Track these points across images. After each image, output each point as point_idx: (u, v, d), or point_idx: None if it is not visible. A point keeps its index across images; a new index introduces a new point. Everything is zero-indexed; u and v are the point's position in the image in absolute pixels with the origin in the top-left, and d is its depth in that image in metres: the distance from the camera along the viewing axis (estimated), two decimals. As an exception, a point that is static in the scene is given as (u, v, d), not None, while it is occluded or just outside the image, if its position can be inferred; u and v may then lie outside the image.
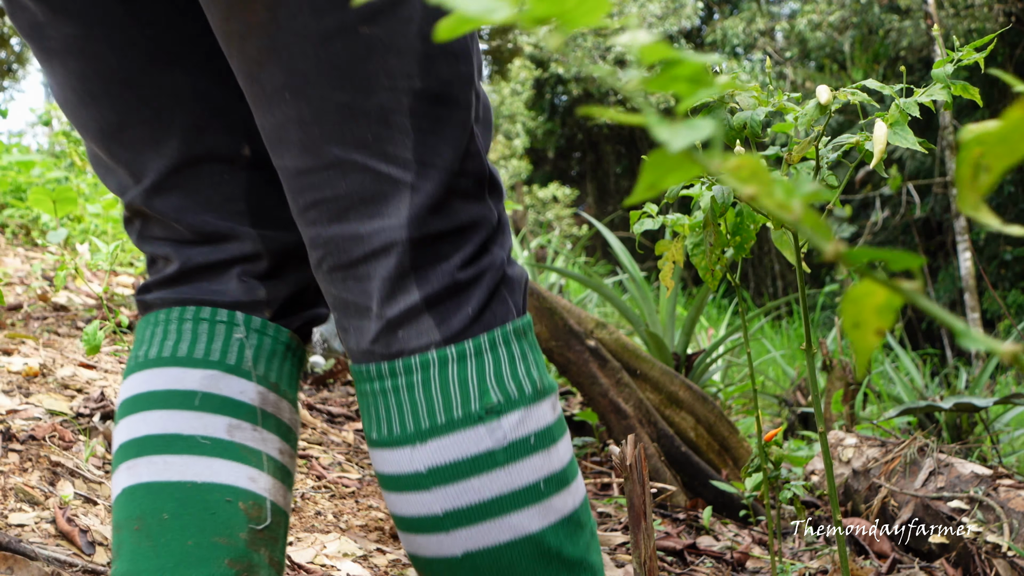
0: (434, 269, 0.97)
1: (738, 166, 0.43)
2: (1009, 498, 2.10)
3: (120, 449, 1.04)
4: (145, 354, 1.07)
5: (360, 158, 0.94)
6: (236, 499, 1.01)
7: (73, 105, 1.08)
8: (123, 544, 1.00)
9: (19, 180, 4.62)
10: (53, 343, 2.83)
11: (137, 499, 1.01)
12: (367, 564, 1.96)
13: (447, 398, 0.96)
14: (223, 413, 1.04)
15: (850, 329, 0.44)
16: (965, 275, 7.58)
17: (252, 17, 0.92)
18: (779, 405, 4.57)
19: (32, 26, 1.05)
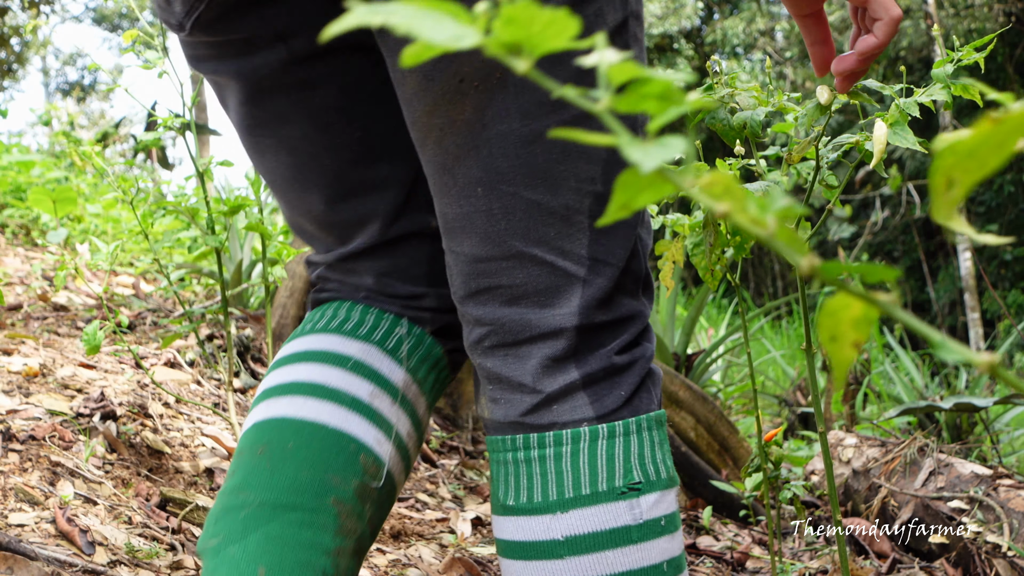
0: (593, 353, 1.02)
1: (711, 183, 0.44)
2: (1009, 498, 2.10)
3: (264, 392, 1.13)
4: (312, 327, 1.18)
5: (540, 252, 1.01)
6: (359, 451, 1.09)
7: (283, 191, 1.20)
8: (241, 464, 1.07)
9: (19, 180, 4.62)
10: (53, 343, 2.83)
11: (267, 429, 1.09)
12: (367, 564, 1.96)
13: (594, 472, 1.00)
14: (370, 380, 1.13)
15: (827, 342, 0.43)
16: (965, 275, 7.58)
17: (458, 115, 0.98)
18: (779, 405, 4.57)
19: (246, 126, 1.15)
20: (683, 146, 0.41)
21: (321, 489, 1.05)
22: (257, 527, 1.02)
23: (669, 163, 0.44)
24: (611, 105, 0.44)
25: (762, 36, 13.50)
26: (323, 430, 1.08)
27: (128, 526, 1.84)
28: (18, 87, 32.50)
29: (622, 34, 1.02)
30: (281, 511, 1.03)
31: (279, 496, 1.04)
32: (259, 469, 1.06)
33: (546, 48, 0.44)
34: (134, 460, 2.12)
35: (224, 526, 1.03)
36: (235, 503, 1.05)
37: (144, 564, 1.71)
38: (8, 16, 13.39)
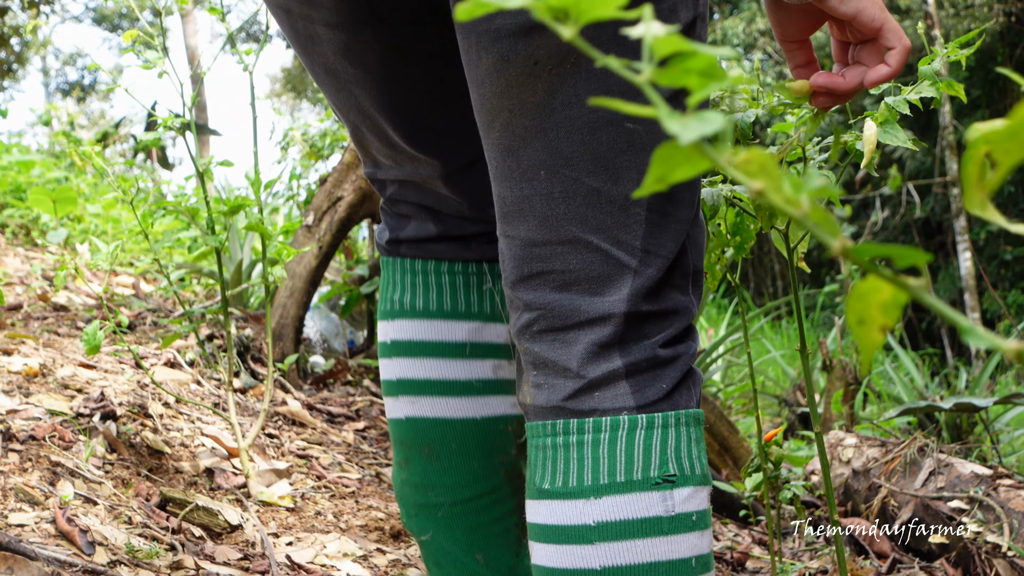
0: (638, 344, 1.05)
1: (747, 160, 0.43)
2: (1009, 498, 2.10)
3: (398, 383, 1.27)
4: (411, 303, 1.28)
5: (596, 239, 1.03)
6: (506, 425, 1.25)
7: (357, 118, 1.27)
8: (412, 459, 1.26)
9: (19, 180, 4.62)
10: (53, 343, 2.83)
11: (425, 429, 1.25)
12: (367, 564, 1.97)
13: (630, 460, 1.02)
14: (489, 357, 1.27)
15: (855, 326, 0.43)
16: (965, 275, 7.59)
17: (529, 97, 1.01)
18: (779, 405, 4.57)
19: (329, 69, 1.23)
20: (722, 121, 0.41)
21: (492, 471, 1.25)
22: (458, 523, 1.24)
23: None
24: (653, 77, 0.44)
25: (762, 36, 13.51)
26: (473, 424, 1.24)
27: (128, 526, 1.84)
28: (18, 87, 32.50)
29: (690, 34, 1.04)
30: (470, 504, 1.24)
31: (462, 493, 1.24)
32: (435, 470, 1.25)
33: (593, 15, 0.43)
34: (134, 460, 2.12)
35: (428, 523, 1.26)
36: (427, 501, 1.26)
37: (144, 564, 1.71)
38: (8, 16, 13.40)
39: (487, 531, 1.25)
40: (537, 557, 1.06)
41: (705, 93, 0.45)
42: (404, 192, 1.31)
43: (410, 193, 1.30)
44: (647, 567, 1.01)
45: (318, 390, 3.20)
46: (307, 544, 2.01)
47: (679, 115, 0.43)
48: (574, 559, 1.02)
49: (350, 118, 1.28)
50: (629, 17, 0.44)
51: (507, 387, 1.26)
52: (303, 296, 3.21)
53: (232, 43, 2.19)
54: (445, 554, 1.25)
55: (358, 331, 3.78)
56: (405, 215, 1.32)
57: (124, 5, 2.15)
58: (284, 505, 2.20)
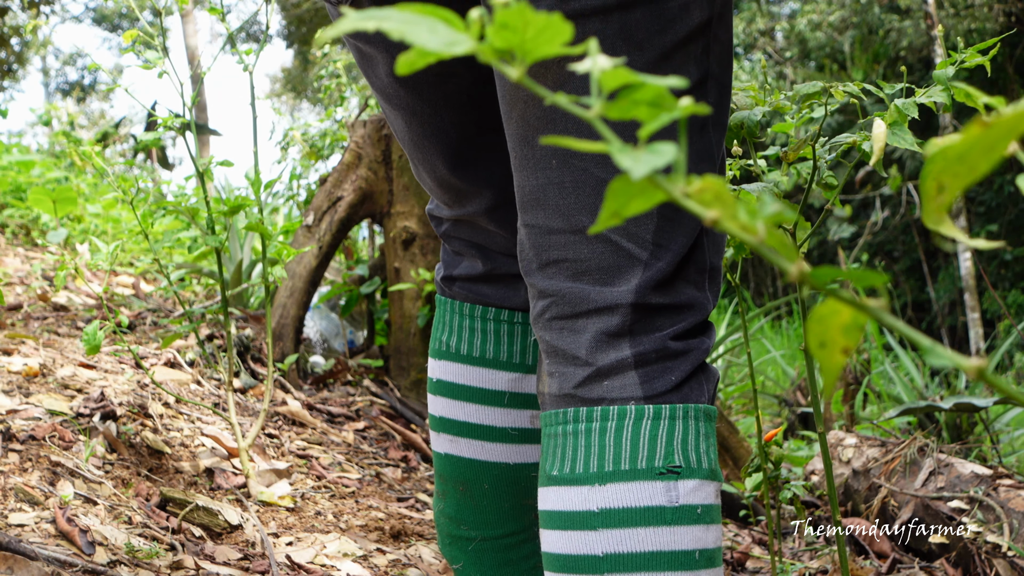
0: (648, 335, 1.07)
1: (701, 190, 0.43)
2: (1009, 498, 2.10)
3: (440, 420, 1.35)
4: (456, 347, 1.35)
5: (606, 231, 1.06)
6: (538, 470, 1.24)
7: (411, 150, 1.34)
8: (448, 493, 1.34)
9: (19, 180, 4.62)
10: (53, 343, 2.83)
11: (461, 468, 1.32)
12: (367, 564, 1.97)
13: (635, 449, 1.04)
14: (526, 407, 1.32)
15: (816, 349, 0.43)
16: (964, 275, 7.59)
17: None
18: (779, 405, 4.57)
19: (387, 94, 1.28)
20: (674, 152, 0.41)
21: (521, 512, 1.32)
22: (487, 557, 1.32)
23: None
24: (602, 112, 0.44)
25: (762, 36, 13.51)
26: (507, 468, 1.31)
27: (128, 526, 1.84)
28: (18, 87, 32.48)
29: (704, 34, 1.06)
30: (499, 541, 1.32)
31: (492, 530, 1.32)
32: (467, 506, 1.33)
33: (539, 54, 0.43)
34: (134, 460, 2.13)
35: (460, 554, 1.34)
36: (459, 534, 1.35)
37: (144, 564, 1.71)
38: (8, 16, 13.39)
39: (515, 567, 1.33)
40: (546, 544, 1.09)
41: (657, 124, 0.45)
42: (457, 229, 1.38)
43: (462, 230, 1.37)
44: (648, 556, 1.02)
45: (318, 390, 3.20)
46: (307, 544, 2.01)
47: (630, 148, 0.44)
48: (578, 545, 1.04)
49: (406, 148, 1.35)
50: (574, 53, 0.45)
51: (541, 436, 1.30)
52: (303, 296, 3.21)
53: (232, 43, 2.19)
54: None
55: (358, 331, 3.78)
56: (458, 252, 1.39)
57: (124, 5, 2.15)
58: (284, 505, 2.20)
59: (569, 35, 0.43)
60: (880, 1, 11.46)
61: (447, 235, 1.40)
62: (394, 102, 1.28)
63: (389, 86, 1.25)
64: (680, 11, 1.02)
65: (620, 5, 1.01)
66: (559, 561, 1.06)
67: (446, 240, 1.40)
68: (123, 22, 21.87)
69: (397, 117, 1.30)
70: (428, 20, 0.43)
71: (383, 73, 1.25)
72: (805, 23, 12.14)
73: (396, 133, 1.35)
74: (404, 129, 1.31)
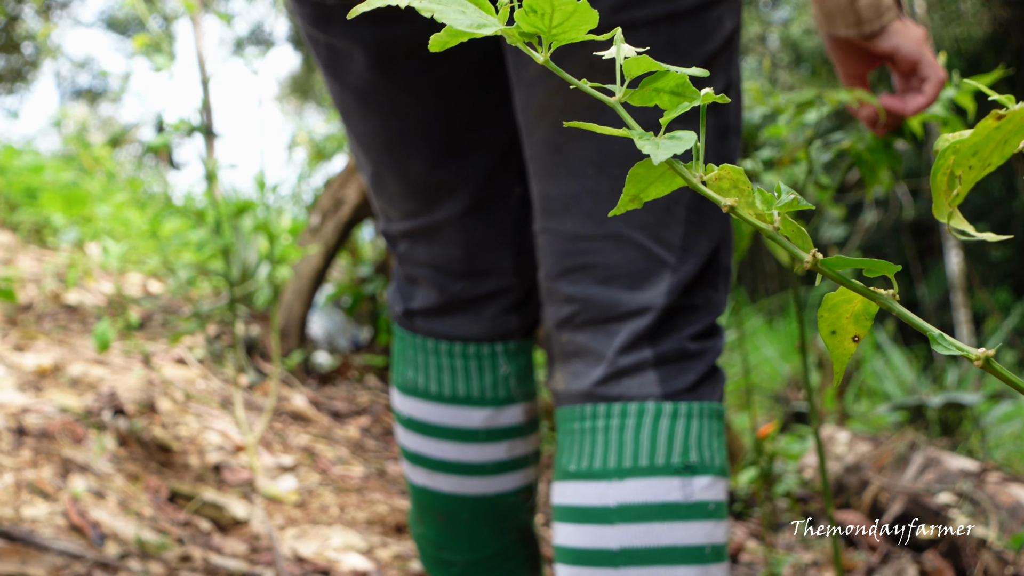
0: (669, 336, 1.09)
1: (719, 177, 0.46)
2: (996, 492, 2.14)
3: (415, 456, 1.31)
4: (425, 386, 1.29)
5: (638, 236, 1.07)
6: (517, 496, 1.30)
7: (382, 153, 1.24)
8: (428, 520, 1.32)
9: (31, 183, 4.67)
10: (65, 341, 2.87)
11: (440, 501, 1.30)
12: (371, 557, 1.99)
13: (653, 446, 1.06)
14: (503, 439, 1.29)
15: (827, 336, 0.45)
16: (951, 275, 7.61)
17: (580, 99, 1.05)
18: (773, 401, 4.60)
19: (364, 91, 1.20)
20: (694, 139, 0.43)
21: (502, 535, 1.31)
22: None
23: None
24: (625, 98, 0.47)
25: (759, 43, 13.50)
26: (486, 499, 1.29)
27: (138, 519, 1.87)
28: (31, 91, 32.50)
29: (732, 42, 1.10)
30: (482, 564, 1.31)
31: (474, 555, 1.31)
32: (448, 534, 1.31)
33: (565, 39, 0.45)
34: (143, 455, 2.16)
35: (443, 574, 1.33)
36: (441, 558, 1.33)
37: (153, 556, 1.74)
38: (21, 23, 13.45)
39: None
40: (559, 538, 1.10)
41: (678, 111, 0.48)
42: (414, 248, 1.28)
43: (420, 249, 1.28)
44: (662, 551, 1.04)
45: (323, 387, 3.24)
46: (312, 537, 2.04)
47: (651, 136, 0.46)
48: (594, 539, 1.06)
49: (372, 155, 1.26)
50: (601, 40, 0.47)
51: (520, 463, 1.31)
52: (308, 295, 3.25)
53: (240, 47, 2.24)
54: None
55: (362, 329, 3.82)
56: (413, 279, 1.31)
57: (135, 11, 2.20)
58: (290, 499, 2.23)
59: (594, 22, 0.44)
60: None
61: (404, 257, 1.30)
62: (370, 100, 1.20)
63: (367, 81, 1.19)
64: (716, 22, 1.06)
65: (668, 17, 1.03)
66: (574, 555, 1.08)
67: (402, 263, 1.31)
68: (134, 25, 21.87)
69: (370, 119, 1.22)
70: (459, 1, 0.44)
71: (361, 67, 1.18)
72: (800, 30, 12.13)
73: (361, 144, 1.25)
74: (378, 131, 1.23)
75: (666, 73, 0.48)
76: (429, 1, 0.44)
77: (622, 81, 0.48)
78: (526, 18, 0.45)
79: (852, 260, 0.42)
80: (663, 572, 1.04)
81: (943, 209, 0.46)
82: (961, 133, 0.44)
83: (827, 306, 0.46)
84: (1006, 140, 0.43)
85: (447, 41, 0.46)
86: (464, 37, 0.44)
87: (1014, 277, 11.05)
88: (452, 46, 0.47)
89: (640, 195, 0.50)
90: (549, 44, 0.46)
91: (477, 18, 0.44)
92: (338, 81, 1.22)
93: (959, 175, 0.44)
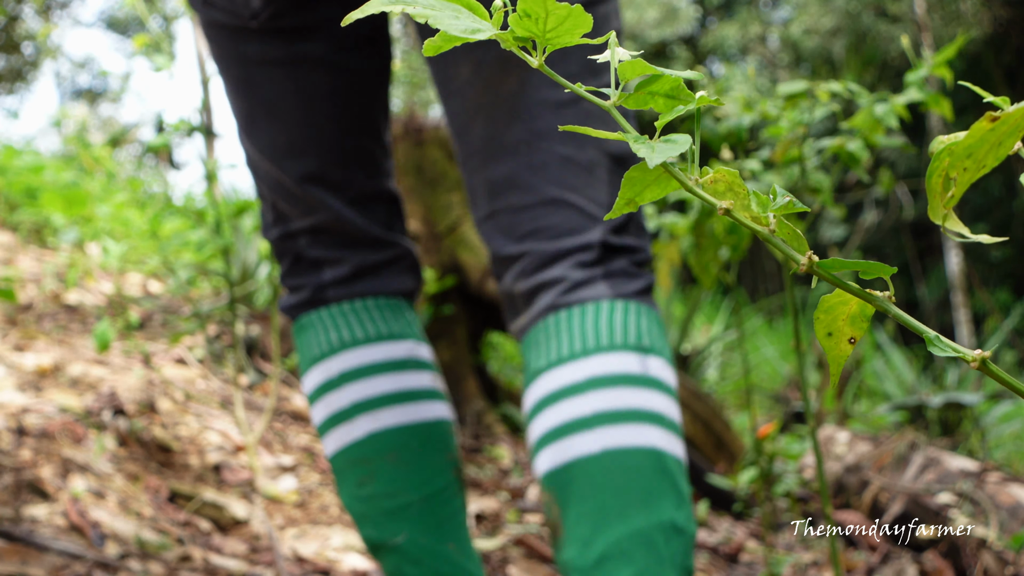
0: (612, 261, 1.26)
1: (714, 180, 0.46)
2: (996, 492, 2.14)
3: (353, 407, 1.38)
4: (351, 336, 1.40)
5: (572, 198, 1.25)
6: (450, 427, 1.42)
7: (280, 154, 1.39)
8: (378, 471, 1.37)
9: (31, 182, 4.67)
10: (65, 341, 2.88)
11: (388, 438, 1.37)
12: (371, 557, 2.00)
13: (611, 330, 1.22)
14: (425, 369, 1.42)
15: (823, 338, 0.45)
16: (951, 275, 7.62)
17: (504, 88, 1.23)
18: (773, 401, 4.60)
19: (245, 80, 1.35)
20: (689, 143, 0.43)
21: (446, 468, 1.39)
22: (430, 516, 1.38)
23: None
24: (619, 102, 0.47)
25: (759, 43, 13.51)
26: (427, 426, 1.39)
27: (138, 519, 1.88)
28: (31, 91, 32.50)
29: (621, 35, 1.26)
30: (436, 497, 1.38)
31: (429, 487, 1.37)
32: (402, 473, 1.37)
33: (559, 43, 0.45)
34: (143, 455, 2.17)
35: (402, 524, 1.37)
36: (397, 504, 1.37)
37: (153, 556, 1.75)
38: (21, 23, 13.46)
39: (453, 521, 1.40)
40: (537, 429, 1.22)
41: (672, 115, 0.48)
42: (316, 240, 1.42)
43: (323, 238, 1.42)
44: (631, 412, 1.18)
45: (323, 388, 3.23)
46: (312, 537, 2.04)
47: (646, 139, 0.46)
48: (569, 412, 1.19)
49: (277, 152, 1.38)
50: (595, 44, 0.47)
51: (442, 396, 1.45)
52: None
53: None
54: (422, 548, 1.37)
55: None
56: (316, 264, 1.43)
57: (135, 11, 2.20)
58: (290, 499, 2.24)
59: (588, 26, 0.45)
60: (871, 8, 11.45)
61: (302, 250, 1.43)
62: (276, 102, 1.36)
63: (272, 88, 1.34)
64: (603, 21, 1.23)
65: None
66: (552, 434, 1.20)
67: (303, 254, 1.43)
68: (134, 25, 21.88)
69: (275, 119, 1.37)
70: (453, 6, 0.44)
71: (265, 77, 1.34)
72: (800, 30, 12.14)
73: (263, 140, 1.39)
74: (274, 132, 1.37)
75: (660, 76, 0.48)
76: (423, 7, 0.44)
77: (616, 85, 0.48)
78: (520, 23, 0.45)
79: (848, 262, 0.42)
80: (634, 429, 1.17)
81: (938, 211, 0.46)
82: (956, 135, 0.44)
83: (823, 308, 0.46)
84: (1000, 142, 0.43)
85: (440, 46, 0.46)
86: (458, 42, 0.45)
87: (1014, 277, 11.07)
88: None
89: (636, 198, 0.50)
90: (544, 48, 0.47)
91: (470, 23, 0.45)
92: (239, 84, 1.38)
93: (954, 177, 0.44)
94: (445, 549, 1.39)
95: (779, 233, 0.45)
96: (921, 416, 3.66)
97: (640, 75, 0.48)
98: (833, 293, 0.45)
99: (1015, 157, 0.47)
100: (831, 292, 0.45)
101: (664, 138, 0.45)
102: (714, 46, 13.93)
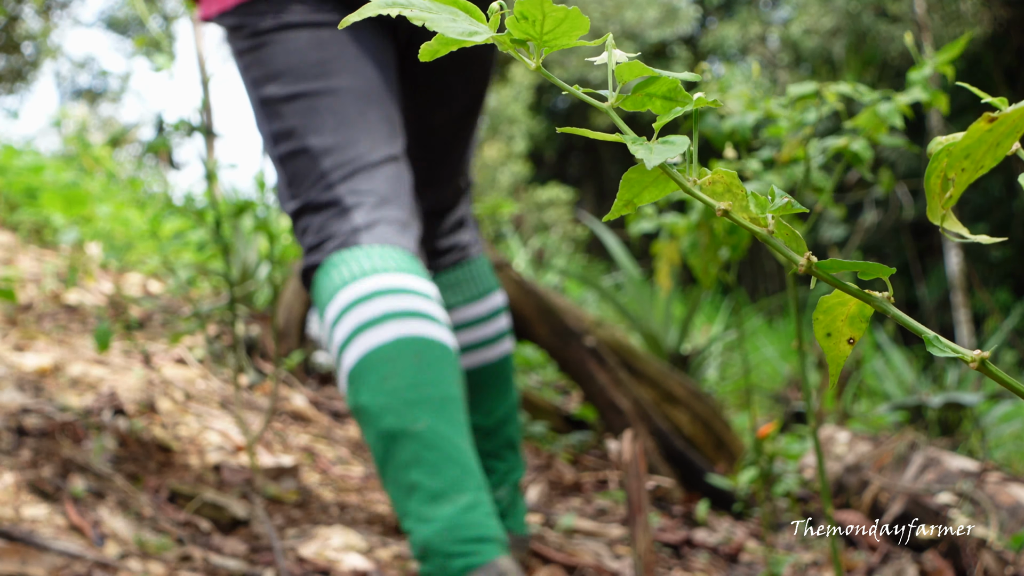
0: (472, 225, 1.90)
1: (712, 181, 0.46)
2: (996, 492, 2.14)
3: (384, 316, 1.49)
4: (384, 266, 1.53)
5: (463, 178, 1.91)
6: (456, 355, 1.56)
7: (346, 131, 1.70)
8: (402, 368, 1.48)
9: (31, 182, 4.67)
10: (65, 341, 2.88)
11: (412, 342, 1.49)
12: (371, 557, 2.00)
13: (489, 275, 1.96)
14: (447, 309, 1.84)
15: (823, 339, 0.45)
16: (951, 275, 7.63)
17: (488, 90, 1.77)
18: (773, 401, 4.61)
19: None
20: (687, 144, 0.43)
21: (459, 387, 1.54)
22: (446, 412, 1.48)
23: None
24: (618, 103, 0.47)
25: (759, 43, 13.52)
26: (444, 345, 1.52)
27: (138, 519, 1.88)
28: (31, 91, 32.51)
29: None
30: (451, 401, 1.50)
31: (446, 391, 1.49)
32: (425, 368, 1.48)
33: (556, 45, 0.45)
34: (143, 455, 2.17)
35: (423, 412, 1.46)
36: (421, 396, 1.47)
37: (153, 556, 1.75)
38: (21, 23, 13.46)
39: (467, 429, 1.53)
40: (459, 340, 1.92)
41: (670, 117, 0.48)
42: (358, 184, 1.63)
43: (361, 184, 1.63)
44: (506, 330, 2.00)
45: (323, 387, 3.25)
46: (312, 537, 2.05)
47: (644, 141, 0.46)
48: (492, 330, 1.96)
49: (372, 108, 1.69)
50: (591, 46, 0.47)
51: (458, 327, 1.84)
52: (308, 296, 3.25)
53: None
54: (440, 435, 1.46)
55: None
56: (347, 208, 1.59)
57: (135, 11, 2.20)
58: (290, 499, 2.24)
59: (586, 28, 0.45)
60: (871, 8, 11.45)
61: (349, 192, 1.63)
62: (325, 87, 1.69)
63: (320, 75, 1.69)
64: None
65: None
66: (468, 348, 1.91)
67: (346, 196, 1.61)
68: (134, 24, 21.88)
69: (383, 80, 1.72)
70: (450, 9, 0.45)
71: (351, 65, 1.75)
72: (800, 30, 12.14)
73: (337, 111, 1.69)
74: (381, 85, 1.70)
75: (657, 78, 0.48)
76: (420, 9, 0.44)
77: (614, 86, 0.48)
78: (517, 25, 0.45)
79: (846, 263, 0.42)
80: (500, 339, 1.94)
81: (937, 211, 0.46)
82: (954, 136, 0.44)
83: (822, 309, 0.46)
84: (998, 143, 0.44)
85: (438, 50, 0.46)
86: (455, 45, 0.45)
87: (1014, 277, 11.08)
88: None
89: (634, 200, 0.50)
90: (541, 50, 0.47)
91: (468, 26, 0.45)
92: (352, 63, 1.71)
93: (952, 178, 0.44)
94: (463, 442, 1.48)
95: (778, 234, 0.45)
96: (921, 416, 3.66)
97: (637, 76, 0.48)
98: (832, 294, 0.45)
99: (1014, 157, 0.47)
100: (830, 292, 0.45)
101: (662, 139, 0.45)
102: (714, 46, 13.94)
